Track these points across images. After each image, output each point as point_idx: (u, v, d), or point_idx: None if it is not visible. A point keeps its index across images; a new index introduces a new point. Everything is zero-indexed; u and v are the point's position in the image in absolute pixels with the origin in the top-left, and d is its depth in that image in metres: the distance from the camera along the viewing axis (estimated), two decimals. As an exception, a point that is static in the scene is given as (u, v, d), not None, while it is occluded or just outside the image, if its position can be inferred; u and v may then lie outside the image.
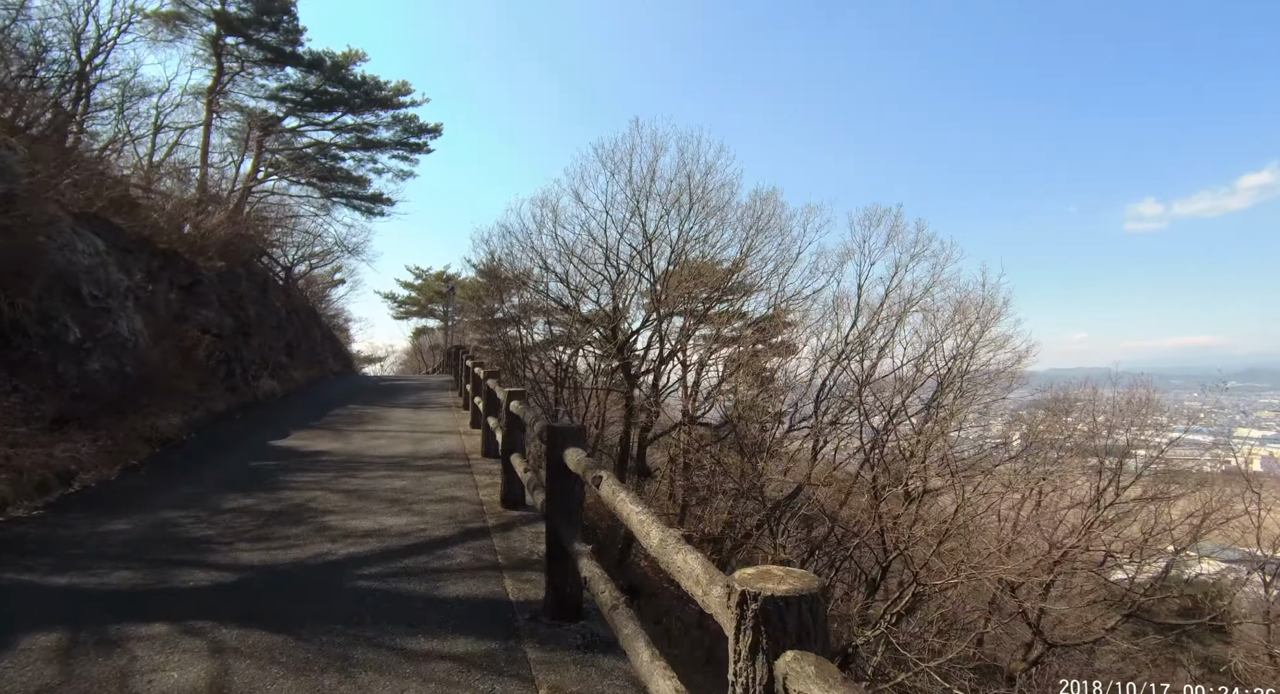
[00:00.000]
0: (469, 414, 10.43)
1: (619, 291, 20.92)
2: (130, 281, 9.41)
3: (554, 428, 3.42)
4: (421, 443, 8.35)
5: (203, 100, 22.06)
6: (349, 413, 10.94)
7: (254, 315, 12.98)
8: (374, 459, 7.32)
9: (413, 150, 24.92)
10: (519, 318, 22.87)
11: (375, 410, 11.31)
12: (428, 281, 38.45)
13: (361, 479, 6.36)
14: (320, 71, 23.45)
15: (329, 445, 8.06)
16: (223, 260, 12.24)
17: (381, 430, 9.27)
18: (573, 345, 22.27)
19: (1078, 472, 12.89)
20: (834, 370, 17.06)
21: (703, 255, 20.52)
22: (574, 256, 20.91)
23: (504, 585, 3.78)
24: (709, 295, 20.34)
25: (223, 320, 11.37)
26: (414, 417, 10.73)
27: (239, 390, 11.22)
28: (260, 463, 7.03)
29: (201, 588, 3.70)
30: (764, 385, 19.60)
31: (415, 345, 39.15)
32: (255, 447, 7.92)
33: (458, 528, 4.88)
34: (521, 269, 21.45)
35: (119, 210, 9.95)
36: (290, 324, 16.11)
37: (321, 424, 9.71)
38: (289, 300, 16.66)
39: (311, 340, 18.18)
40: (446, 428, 9.64)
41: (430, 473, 6.69)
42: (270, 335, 14.10)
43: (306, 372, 16.00)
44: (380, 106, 24.10)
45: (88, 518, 4.99)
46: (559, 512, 3.34)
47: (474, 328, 31.63)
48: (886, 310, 17.38)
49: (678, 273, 20.37)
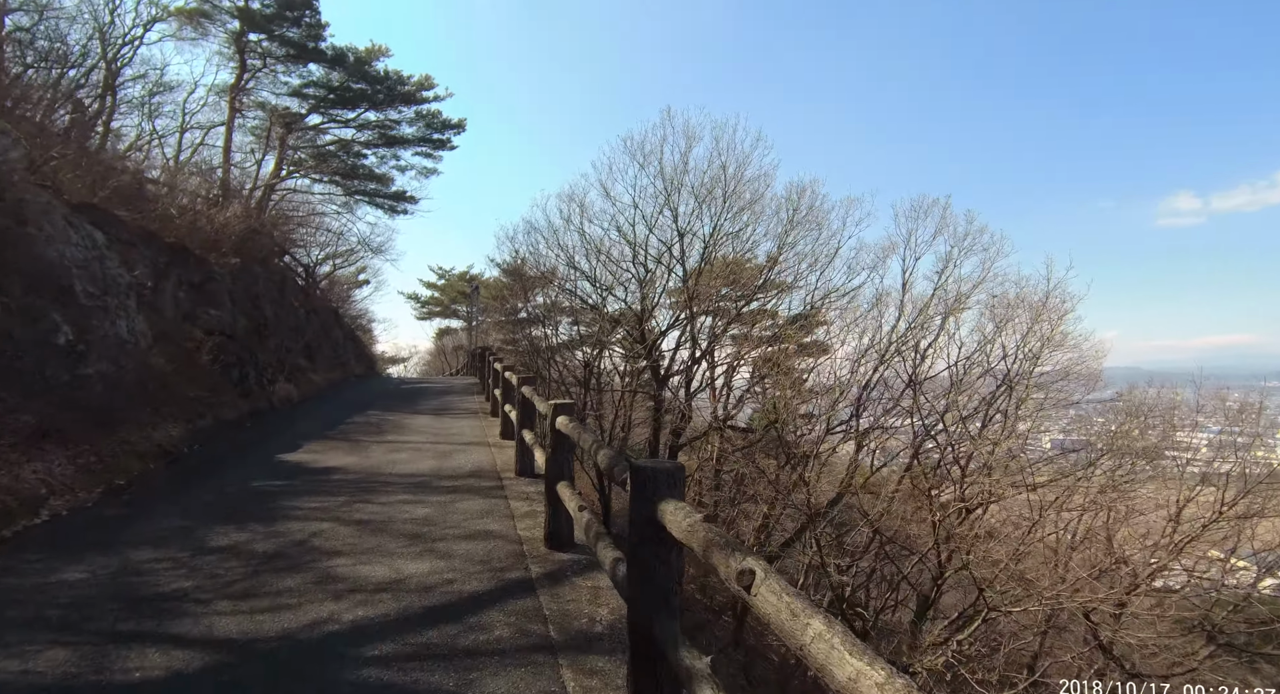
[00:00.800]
0: (498, 422, 9.42)
1: (647, 290, 19.85)
2: (132, 278, 8.55)
3: (641, 468, 2.32)
4: (446, 457, 7.33)
5: (225, 98, 21.49)
6: (368, 420, 9.99)
7: (270, 316, 12.12)
8: (392, 478, 6.31)
9: (436, 146, 24.10)
10: (544, 317, 21.92)
11: (396, 418, 10.35)
12: (451, 282, 37.74)
13: (377, 505, 5.34)
14: (343, 67, 22.74)
15: (343, 460, 7.08)
16: (238, 257, 11.39)
17: (402, 442, 8.28)
18: (598, 345, 21.28)
19: (1156, 482, 11.50)
20: (877, 371, 15.87)
21: (735, 251, 19.39)
22: (601, 253, 19.92)
23: (563, 684, 2.70)
24: (742, 293, 19.21)
25: (236, 321, 10.49)
26: (438, 425, 9.74)
27: (252, 395, 10.34)
28: (264, 483, 6.06)
29: (149, 683, 2.67)
30: (799, 387, 18.38)
31: (439, 346, 38.48)
32: (261, 462, 6.97)
33: (494, 579, 3.82)
34: (547, 267, 20.51)
35: (125, 202, 9.10)
36: (310, 325, 15.28)
37: (337, 434, 8.75)
38: (308, 300, 15.84)
39: (333, 342, 17.37)
40: (474, 438, 8.63)
41: (457, 497, 5.65)
42: (288, 337, 13.25)
43: (327, 375, 15.15)
44: (403, 102, 23.30)
45: (42, 562, 4.02)
46: (651, 596, 2.24)
47: (497, 328, 30.82)
48: (935, 307, 16.13)
49: (710, 269, 19.26)
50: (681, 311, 20.09)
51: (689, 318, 18.79)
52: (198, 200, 11.41)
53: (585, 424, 6.89)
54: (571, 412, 4.37)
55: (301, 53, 22.37)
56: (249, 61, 21.90)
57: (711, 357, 19.69)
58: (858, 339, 17.00)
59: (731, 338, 19.86)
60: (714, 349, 20.03)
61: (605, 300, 20.42)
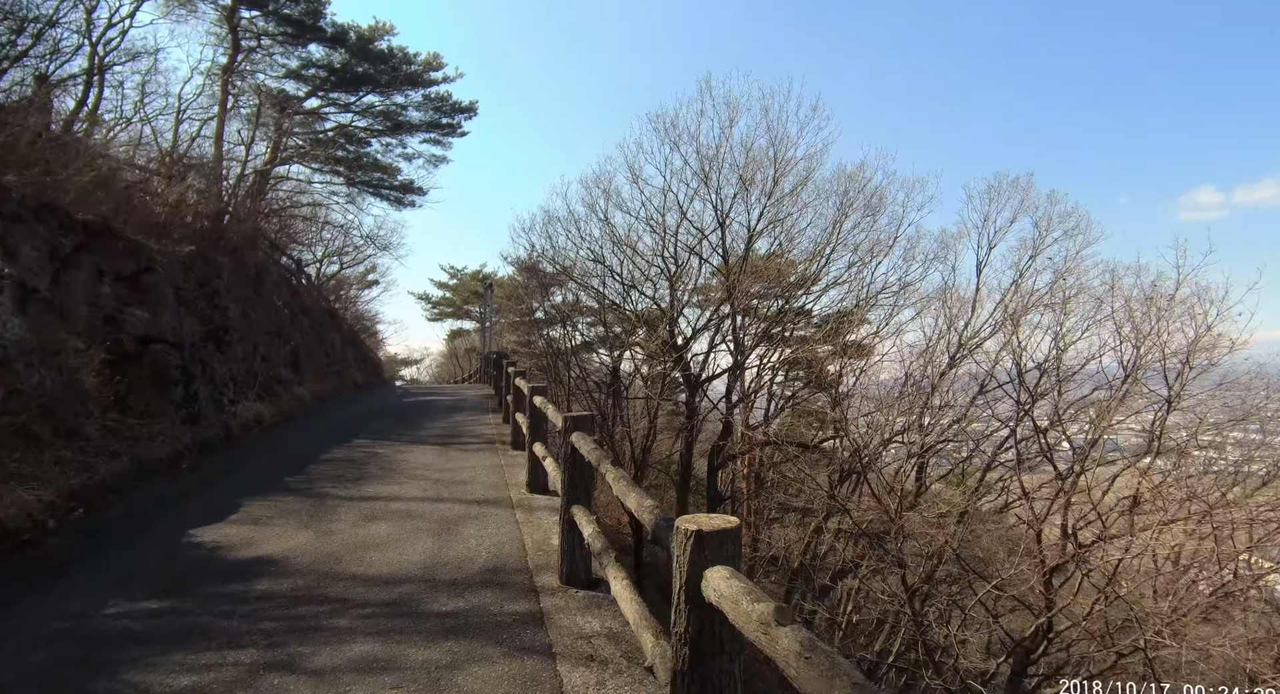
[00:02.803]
0: (521, 460, 6.74)
1: (677, 285, 17.14)
2: (14, 267, 5.93)
3: None
4: (449, 533, 4.64)
5: (217, 80, 18.98)
6: (349, 457, 7.31)
7: (237, 317, 9.49)
8: (356, 588, 3.62)
9: (446, 132, 21.47)
10: (564, 316, 19.27)
11: (388, 451, 7.67)
12: (463, 281, 35.17)
13: (306, 675, 2.66)
14: (344, 47, 20.17)
15: (288, 543, 4.39)
16: (193, 245, 8.79)
17: (387, 499, 5.58)
18: (621, 347, 18.63)
19: None
20: (947, 374, 13.18)
21: (782, 241, 16.64)
22: (626, 246, 17.23)
23: None
24: (788, 288, 16.46)
25: (181, 324, 7.86)
26: (441, 463, 7.05)
27: (202, 421, 7.70)
28: (122, 611, 3.35)
29: None
30: (846, 395, 15.64)
31: (451, 348, 35.88)
32: (151, 550, 4.27)
33: None
34: (567, 261, 17.85)
35: (11, 164, 6.48)
36: (298, 328, 12.66)
37: (299, 483, 6.07)
38: (297, 299, 13.21)
39: (328, 348, 14.74)
40: (490, 488, 5.93)
41: (463, 638, 2.98)
42: (266, 343, 10.63)
43: (317, 386, 12.53)
44: (410, 84, 20.68)
45: None
46: None
47: (512, 329, 28.20)
48: (1018, 301, 13.39)
49: (755, 262, 16.52)
50: (720, 305, 17.36)
51: (729, 315, 16.02)
52: (136, 171, 8.77)
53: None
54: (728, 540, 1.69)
55: (300, 30, 19.81)
56: (242, 41, 19.38)
57: (741, 356, 16.99)
58: (927, 338, 14.34)
59: (775, 338, 17.15)
60: (753, 350, 17.33)
61: (629, 297, 17.76)
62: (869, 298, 15.50)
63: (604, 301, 17.57)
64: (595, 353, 21.60)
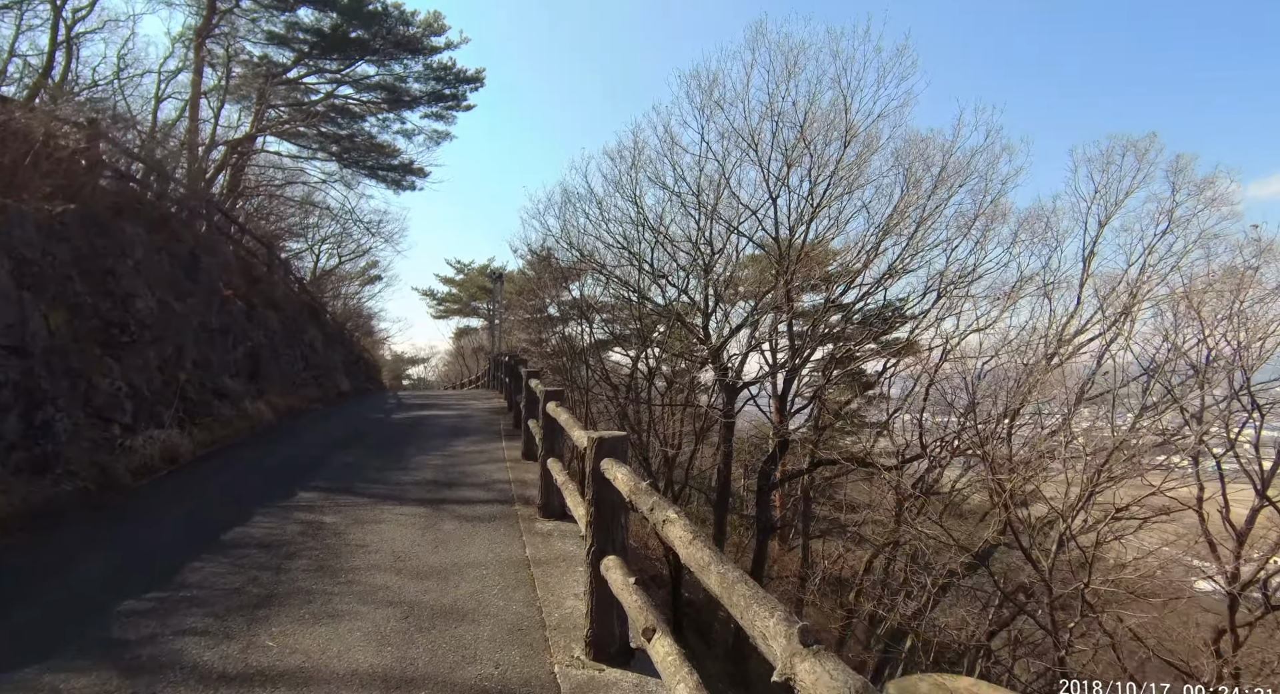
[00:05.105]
0: (563, 543, 3.77)
1: (712, 274, 14.12)
2: None
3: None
4: None
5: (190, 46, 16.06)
6: (272, 536, 4.25)
7: (147, 309, 6.52)
8: None
9: (449, 105, 18.47)
10: (581, 309, 16.30)
11: (341, 520, 4.61)
12: (470, 276, 32.20)
13: None
14: (334, 7, 17.17)
15: None
16: (70, 202, 5.83)
17: (294, 679, 2.60)
18: (645, 345, 15.64)
19: None
20: (1048, 375, 10.37)
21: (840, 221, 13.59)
22: (658, 228, 14.23)
23: None
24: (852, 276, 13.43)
25: (24, 318, 4.89)
26: (424, 554, 3.98)
27: (58, 467, 4.76)
28: None
29: None
30: (913, 402, 12.77)
31: (457, 347, 32.96)
32: None
33: None
34: (587, 247, 14.85)
35: None
36: (259, 326, 9.70)
37: (125, 626, 3.07)
38: (257, 289, 10.22)
39: (304, 350, 11.77)
40: (510, 643, 2.96)
41: None
42: (201, 345, 7.67)
43: (286, 399, 9.58)
44: (408, 50, 17.67)
45: None
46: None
47: (522, 327, 25.26)
48: (1143, 288, 10.52)
49: (811, 243, 13.51)
50: (763, 297, 14.33)
51: (789, 302, 12.95)
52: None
53: None
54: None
55: (283, -12, 16.86)
56: (218, 2, 16.42)
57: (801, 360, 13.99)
58: (1023, 333, 11.49)
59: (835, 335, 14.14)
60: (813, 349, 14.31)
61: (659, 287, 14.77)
62: (945, 286, 12.42)
63: (629, 292, 14.62)
64: (613, 351, 18.74)
